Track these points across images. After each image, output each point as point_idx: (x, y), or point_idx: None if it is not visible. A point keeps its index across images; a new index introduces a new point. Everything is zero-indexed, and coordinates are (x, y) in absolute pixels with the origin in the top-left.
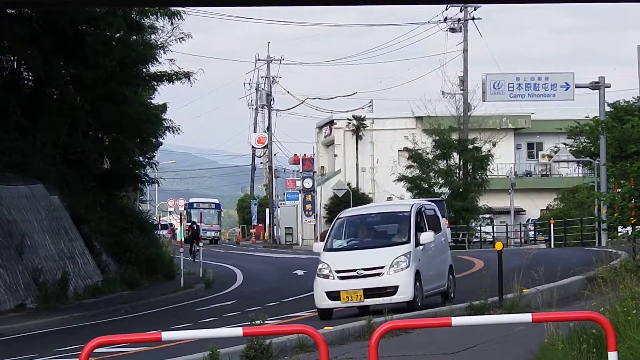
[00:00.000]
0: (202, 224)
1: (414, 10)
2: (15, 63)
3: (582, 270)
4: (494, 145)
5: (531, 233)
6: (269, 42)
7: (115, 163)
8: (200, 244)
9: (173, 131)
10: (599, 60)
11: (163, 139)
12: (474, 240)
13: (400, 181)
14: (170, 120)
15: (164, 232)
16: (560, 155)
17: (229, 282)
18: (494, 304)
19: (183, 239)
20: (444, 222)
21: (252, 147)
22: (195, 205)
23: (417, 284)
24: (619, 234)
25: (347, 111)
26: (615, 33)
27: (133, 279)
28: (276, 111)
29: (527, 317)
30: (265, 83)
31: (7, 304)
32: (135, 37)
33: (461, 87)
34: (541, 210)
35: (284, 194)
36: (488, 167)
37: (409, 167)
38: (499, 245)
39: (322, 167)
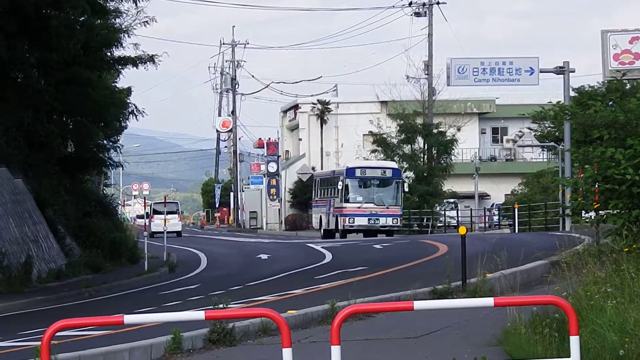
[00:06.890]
0: (370, 205)
1: None
2: None
3: (546, 254)
4: (459, 129)
5: (495, 218)
6: (234, 26)
7: (79, 146)
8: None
9: (137, 115)
10: (564, 45)
11: (127, 122)
12: (438, 224)
13: None
14: (134, 104)
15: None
16: (524, 140)
17: (193, 266)
18: (457, 288)
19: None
20: None
21: (217, 131)
22: (360, 173)
23: None
24: (583, 219)
25: (311, 95)
26: (579, 18)
27: (97, 262)
28: (241, 95)
29: (489, 301)
30: (229, 67)
31: None
32: (99, 21)
33: (426, 72)
34: (505, 194)
35: (249, 178)
36: (452, 151)
37: (373, 151)
38: (462, 230)
39: (287, 151)
